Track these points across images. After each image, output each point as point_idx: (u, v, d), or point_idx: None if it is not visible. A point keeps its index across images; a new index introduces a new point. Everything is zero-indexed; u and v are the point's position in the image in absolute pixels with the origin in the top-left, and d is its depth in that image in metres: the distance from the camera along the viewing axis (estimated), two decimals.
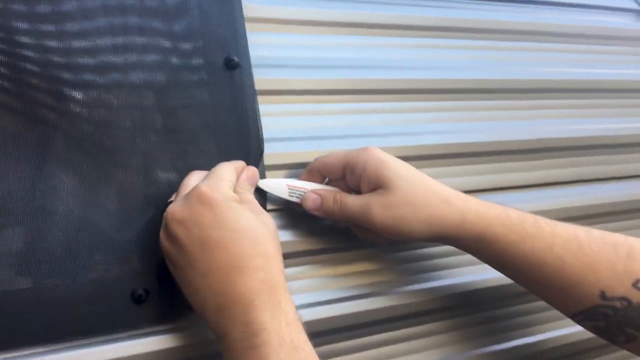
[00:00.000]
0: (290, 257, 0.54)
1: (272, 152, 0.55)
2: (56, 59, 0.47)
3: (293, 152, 0.56)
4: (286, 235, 0.54)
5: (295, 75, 0.58)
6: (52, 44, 0.47)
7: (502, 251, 0.50)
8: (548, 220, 0.50)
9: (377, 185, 0.50)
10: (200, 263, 0.42)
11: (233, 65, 0.53)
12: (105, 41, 0.49)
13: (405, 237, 0.51)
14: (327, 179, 0.54)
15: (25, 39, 0.46)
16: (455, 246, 0.52)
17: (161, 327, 0.47)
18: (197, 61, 0.52)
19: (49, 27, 0.47)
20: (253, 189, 0.50)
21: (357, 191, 0.53)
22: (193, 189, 0.44)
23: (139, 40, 0.51)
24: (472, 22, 0.70)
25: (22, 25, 0.46)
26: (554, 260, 0.49)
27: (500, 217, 0.49)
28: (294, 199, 0.53)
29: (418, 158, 0.62)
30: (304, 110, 0.58)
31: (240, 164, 0.50)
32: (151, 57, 0.51)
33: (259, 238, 0.43)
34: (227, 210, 0.43)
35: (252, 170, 0.51)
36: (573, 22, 0.79)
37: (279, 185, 0.53)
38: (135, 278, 0.47)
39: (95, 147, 0.47)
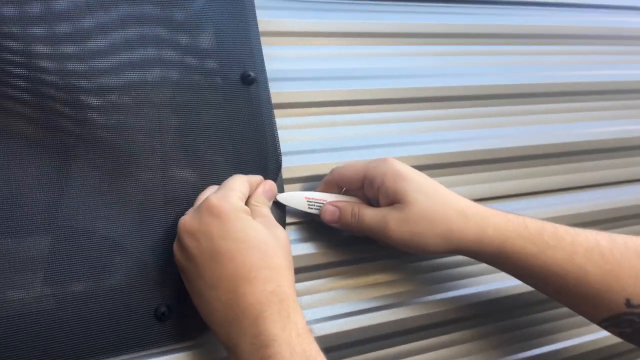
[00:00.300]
0: (310, 270, 0.54)
1: (289, 165, 0.55)
2: (74, 80, 0.48)
3: (311, 165, 0.56)
4: (306, 248, 0.54)
5: (310, 87, 0.58)
6: (71, 65, 0.48)
7: (521, 263, 0.49)
8: (568, 229, 0.50)
9: (394, 198, 0.50)
10: (209, 273, 0.42)
11: (250, 81, 0.53)
12: (121, 58, 0.50)
13: (422, 251, 0.51)
14: (344, 189, 0.54)
15: (42, 51, 0.46)
16: (474, 258, 0.52)
17: (184, 344, 0.47)
18: (213, 78, 0.53)
19: (69, 45, 0.48)
20: (270, 203, 0.51)
21: (375, 202, 0.53)
22: (203, 201, 0.45)
23: (153, 57, 0.51)
24: (483, 28, 0.70)
25: (39, 36, 0.47)
26: (575, 270, 0.48)
27: (518, 230, 0.49)
28: (313, 211, 0.53)
29: (434, 167, 0.62)
30: (321, 122, 0.58)
31: (257, 178, 0.50)
32: (166, 75, 0.51)
33: (268, 250, 0.43)
34: (236, 220, 0.43)
35: (270, 184, 0.51)
36: (584, 23, 0.78)
37: (298, 198, 0.53)
38: (158, 295, 0.47)
39: (117, 165, 0.48)
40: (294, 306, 0.42)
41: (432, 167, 0.62)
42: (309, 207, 0.53)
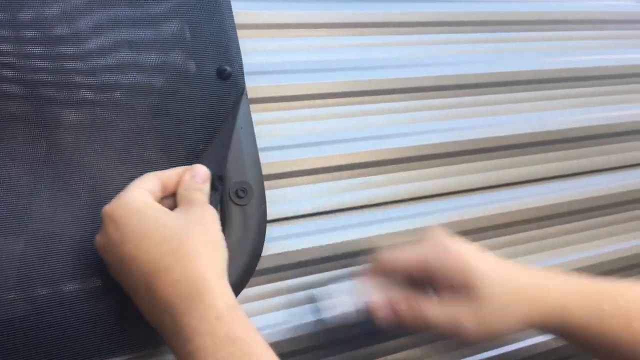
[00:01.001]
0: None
1: (269, 162, 0.54)
2: (46, 76, 0.46)
3: (291, 160, 0.55)
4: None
5: (289, 80, 0.56)
6: (38, 50, 0.46)
7: (583, 339, 0.48)
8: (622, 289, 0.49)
9: (459, 288, 0.46)
10: (125, 282, 0.42)
11: (226, 75, 0.52)
12: (94, 53, 0.49)
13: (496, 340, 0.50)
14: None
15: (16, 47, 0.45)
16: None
17: (150, 351, 0.46)
18: (188, 73, 0.51)
19: (36, 34, 0.47)
20: (205, 186, 0.47)
21: (422, 286, 0.48)
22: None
23: (127, 53, 0.50)
24: (470, 15, 0.68)
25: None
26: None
27: (582, 307, 0.47)
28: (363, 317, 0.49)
29: (421, 158, 0.61)
30: (301, 115, 0.57)
31: (173, 170, 0.47)
32: (140, 70, 0.50)
33: (165, 236, 0.40)
34: (130, 219, 0.41)
35: (197, 167, 0.47)
36: (573, 7, 0.76)
37: (347, 304, 0.50)
38: (122, 302, 0.46)
39: (96, 166, 0.47)
40: (208, 287, 0.39)
41: (420, 158, 0.60)
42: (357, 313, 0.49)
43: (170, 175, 0.46)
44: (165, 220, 0.42)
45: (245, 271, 0.51)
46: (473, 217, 0.61)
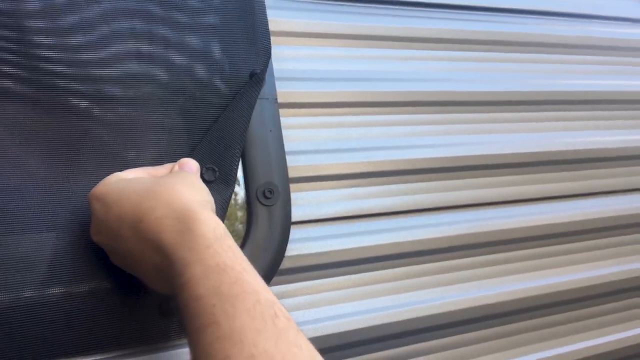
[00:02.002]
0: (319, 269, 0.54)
1: (295, 165, 0.55)
2: (83, 69, 0.48)
3: (316, 165, 0.57)
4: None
5: (318, 88, 0.58)
6: (86, 55, 0.48)
7: None
8: None
9: None
10: (119, 247, 0.42)
11: (257, 79, 0.54)
12: (130, 53, 0.50)
13: None
14: None
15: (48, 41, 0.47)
16: None
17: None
18: (222, 76, 0.53)
19: (77, 38, 0.48)
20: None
21: None
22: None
23: (161, 53, 0.51)
24: (485, 35, 0.71)
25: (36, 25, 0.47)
26: None
27: None
28: None
29: (434, 171, 0.62)
30: (327, 122, 0.59)
31: (162, 166, 0.48)
32: (175, 70, 0.51)
33: (144, 187, 0.42)
34: (111, 190, 0.43)
35: (185, 160, 0.48)
36: (584, 33, 0.79)
37: None
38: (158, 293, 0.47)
39: (124, 161, 0.48)
40: (194, 217, 0.39)
41: (432, 170, 0.62)
42: None
43: (159, 168, 0.47)
44: (144, 177, 0.44)
45: (268, 270, 0.52)
46: (488, 230, 0.63)
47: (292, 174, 0.55)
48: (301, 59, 0.58)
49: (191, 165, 0.47)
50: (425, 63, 0.66)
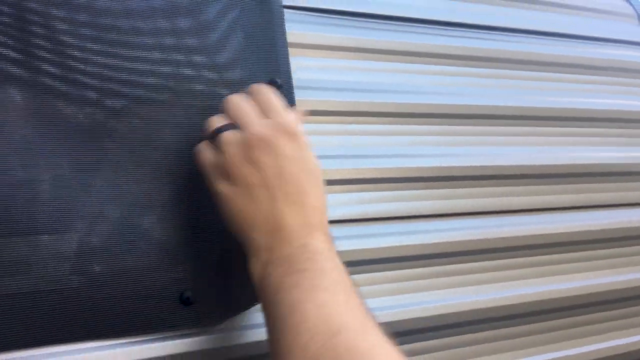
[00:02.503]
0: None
1: None
2: (111, 73, 0.51)
3: (326, 169, 0.60)
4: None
5: (330, 97, 0.62)
6: (109, 61, 0.51)
7: None
8: None
9: None
10: (276, 190, 0.44)
11: (276, 87, 0.57)
12: (151, 67, 0.53)
13: None
14: None
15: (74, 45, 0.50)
16: None
17: (208, 328, 0.50)
18: (242, 83, 0.56)
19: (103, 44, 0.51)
20: None
21: None
22: (276, 117, 0.46)
23: (183, 61, 0.55)
24: (490, 52, 0.75)
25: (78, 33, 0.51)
26: None
27: None
28: None
29: (446, 179, 0.66)
30: (337, 130, 0.62)
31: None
32: (195, 79, 0.55)
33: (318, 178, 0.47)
34: (306, 148, 0.47)
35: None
36: (581, 54, 0.83)
37: None
38: (184, 279, 0.50)
39: (147, 157, 0.51)
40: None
41: (437, 179, 0.66)
42: None
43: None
44: (312, 155, 0.49)
45: None
46: (490, 237, 0.67)
47: None
48: (316, 69, 0.62)
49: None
50: (430, 77, 0.69)
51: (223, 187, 0.46)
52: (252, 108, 0.48)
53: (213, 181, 0.47)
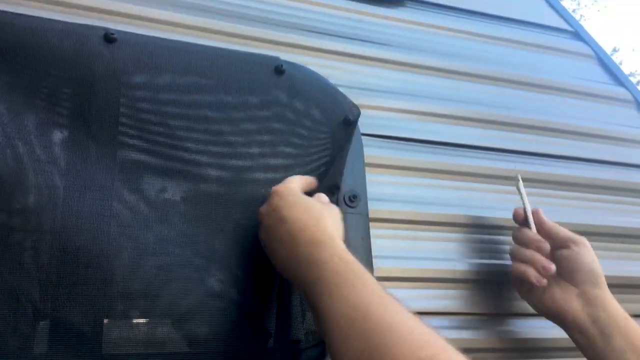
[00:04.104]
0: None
1: (379, 266, 0.70)
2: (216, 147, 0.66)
3: (395, 268, 0.72)
4: None
5: (399, 207, 0.75)
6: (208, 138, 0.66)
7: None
8: None
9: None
10: (274, 236, 0.58)
11: (354, 199, 0.71)
12: (253, 168, 0.67)
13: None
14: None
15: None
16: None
17: None
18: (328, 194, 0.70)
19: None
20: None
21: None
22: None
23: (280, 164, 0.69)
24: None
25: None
26: None
27: None
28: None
29: (479, 282, 0.76)
30: (403, 235, 0.75)
31: (311, 179, 0.66)
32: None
33: (309, 207, 0.59)
34: (288, 195, 0.60)
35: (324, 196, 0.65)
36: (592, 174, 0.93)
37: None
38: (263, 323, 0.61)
39: (227, 207, 0.64)
40: (333, 242, 0.55)
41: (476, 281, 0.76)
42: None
43: (308, 179, 0.66)
44: (310, 200, 0.60)
45: None
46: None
47: (376, 274, 0.70)
48: (384, 184, 0.76)
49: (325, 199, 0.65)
50: (485, 194, 0.82)
51: (265, 243, 0.61)
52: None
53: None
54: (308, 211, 0.58)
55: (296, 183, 0.63)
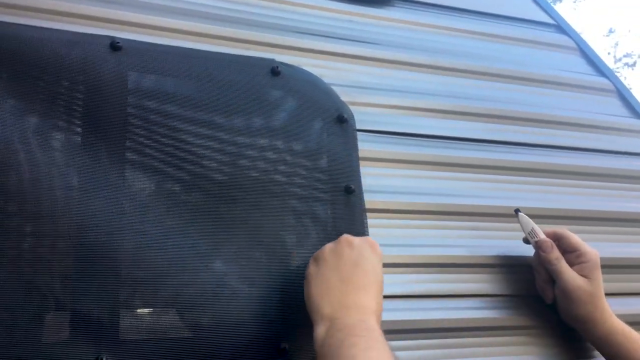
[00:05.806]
0: None
1: None
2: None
3: (388, 255, 0.76)
4: None
5: (392, 198, 0.79)
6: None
7: None
8: None
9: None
10: (318, 285, 0.62)
11: (350, 191, 0.75)
12: (254, 164, 0.72)
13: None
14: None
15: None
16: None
17: None
18: (326, 187, 0.74)
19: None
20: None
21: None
22: (342, 236, 0.66)
23: (285, 169, 0.73)
24: (516, 163, 0.92)
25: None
26: None
27: None
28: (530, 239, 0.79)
29: (469, 265, 0.81)
30: (397, 224, 0.79)
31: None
32: (291, 183, 0.73)
33: (366, 270, 0.62)
34: (361, 249, 0.64)
35: None
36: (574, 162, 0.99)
37: (527, 224, 0.80)
38: (282, 333, 0.65)
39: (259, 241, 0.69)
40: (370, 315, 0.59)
41: (467, 265, 0.81)
42: (529, 234, 0.79)
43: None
44: (376, 260, 0.64)
45: None
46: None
47: None
48: (378, 176, 0.80)
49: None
50: (468, 183, 0.87)
51: (312, 269, 0.63)
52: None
53: (309, 266, 0.65)
54: (378, 277, 0.63)
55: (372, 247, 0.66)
